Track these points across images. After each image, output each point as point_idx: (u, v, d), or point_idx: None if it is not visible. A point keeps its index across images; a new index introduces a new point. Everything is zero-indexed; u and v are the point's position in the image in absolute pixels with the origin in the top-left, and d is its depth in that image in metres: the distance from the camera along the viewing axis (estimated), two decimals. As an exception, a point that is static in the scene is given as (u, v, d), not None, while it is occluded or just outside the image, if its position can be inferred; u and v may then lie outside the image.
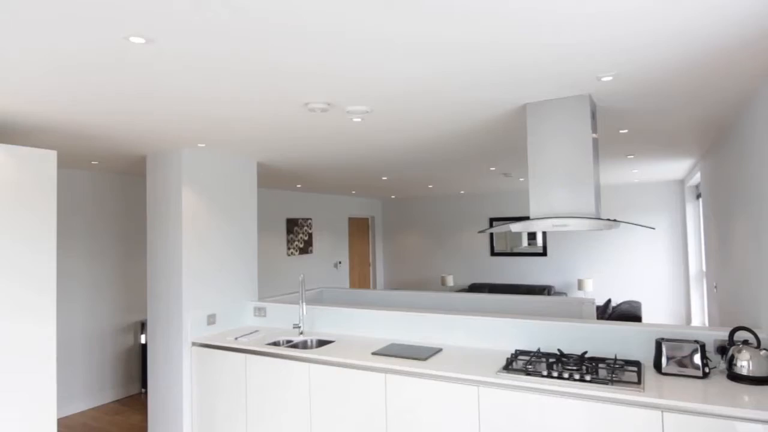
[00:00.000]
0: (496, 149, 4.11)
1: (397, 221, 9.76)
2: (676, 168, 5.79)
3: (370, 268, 9.64)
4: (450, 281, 8.62)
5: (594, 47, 1.89)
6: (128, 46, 1.75)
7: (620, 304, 6.38)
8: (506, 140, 3.71)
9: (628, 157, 4.76)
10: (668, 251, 7.21)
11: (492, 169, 5.34)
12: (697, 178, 5.98)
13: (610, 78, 2.26)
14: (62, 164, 4.27)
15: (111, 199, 4.85)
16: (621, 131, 3.47)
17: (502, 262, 8.57)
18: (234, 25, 1.60)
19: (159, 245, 3.75)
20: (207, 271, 3.78)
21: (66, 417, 4.34)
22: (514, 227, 2.48)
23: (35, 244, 2.67)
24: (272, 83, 2.21)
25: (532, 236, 8.34)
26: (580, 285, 7.50)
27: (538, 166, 2.61)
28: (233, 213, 4.06)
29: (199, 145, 3.52)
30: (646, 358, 2.66)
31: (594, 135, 2.62)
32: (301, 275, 3.71)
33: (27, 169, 2.65)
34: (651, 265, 7.31)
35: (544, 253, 8.16)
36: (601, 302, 7.57)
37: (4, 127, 2.82)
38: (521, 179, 6.54)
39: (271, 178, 5.72)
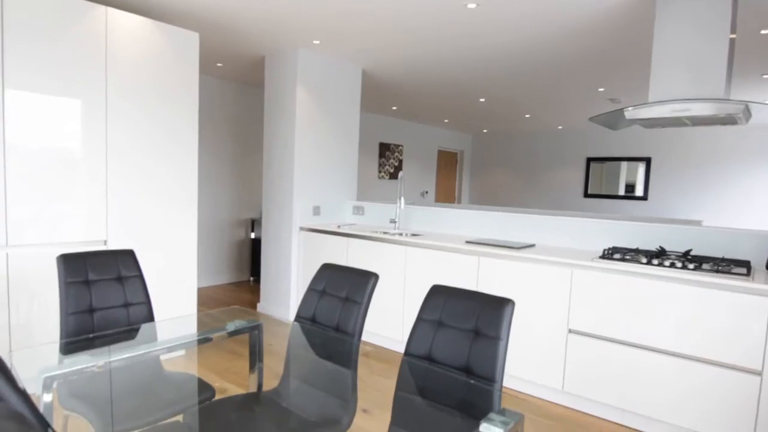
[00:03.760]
0: (610, 58, 3.89)
1: (486, 157, 9.63)
2: (823, 99, 5.06)
3: (455, 203, 9.71)
4: (537, 219, 8.46)
5: None
6: None
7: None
8: (623, 42, 3.50)
9: (764, 76, 4.25)
10: (796, 200, 6.45)
11: (600, 89, 5.06)
12: None
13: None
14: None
15: (232, 104, 5.35)
16: (762, 31, 3.12)
17: (596, 204, 8.20)
18: None
19: (275, 138, 4.14)
20: (314, 165, 4.12)
21: (192, 289, 5.11)
22: (629, 113, 2.41)
23: (183, 113, 3.09)
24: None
25: (630, 188, 7.85)
26: (682, 231, 7.01)
27: (664, 51, 2.48)
28: (339, 115, 4.31)
29: (314, 42, 3.75)
30: (758, 262, 2.55)
31: (732, 35, 2.40)
32: (401, 173, 3.92)
33: (176, 46, 3.03)
34: (772, 215, 6.60)
35: (644, 197, 7.68)
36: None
37: (156, 8, 3.22)
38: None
39: (370, 99, 5.90)
